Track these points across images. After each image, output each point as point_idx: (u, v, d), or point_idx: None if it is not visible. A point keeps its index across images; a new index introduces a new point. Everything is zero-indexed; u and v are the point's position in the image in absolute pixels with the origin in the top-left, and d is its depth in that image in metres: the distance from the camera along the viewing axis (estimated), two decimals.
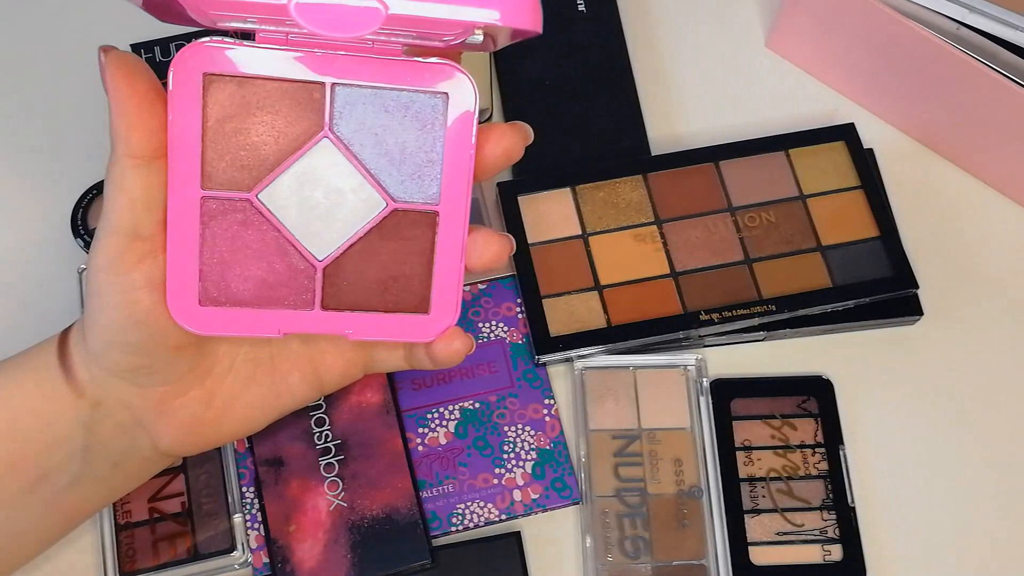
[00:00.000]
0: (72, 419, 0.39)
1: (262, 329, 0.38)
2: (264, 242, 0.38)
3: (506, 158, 0.39)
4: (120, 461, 0.41)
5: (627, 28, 0.61)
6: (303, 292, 0.38)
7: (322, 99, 0.37)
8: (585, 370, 0.53)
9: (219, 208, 0.37)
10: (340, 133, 0.37)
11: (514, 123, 0.39)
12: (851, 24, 0.56)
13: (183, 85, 0.36)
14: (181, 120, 0.36)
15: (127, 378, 0.39)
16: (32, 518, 0.41)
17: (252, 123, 0.36)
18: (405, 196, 0.38)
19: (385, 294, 0.39)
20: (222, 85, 0.36)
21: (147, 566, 0.48)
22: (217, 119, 0.36)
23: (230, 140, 0.36)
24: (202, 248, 0.37)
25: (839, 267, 0.54)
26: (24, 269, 0.55)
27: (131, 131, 0.35)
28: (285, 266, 0.38)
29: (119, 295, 0.37)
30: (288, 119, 0.37)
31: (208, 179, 0.37)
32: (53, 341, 0.40)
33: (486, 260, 0.40)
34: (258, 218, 0.37)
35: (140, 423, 0.40)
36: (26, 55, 0.60)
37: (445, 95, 0.37)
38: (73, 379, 0.39)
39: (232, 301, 0.38)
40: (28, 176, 0.58)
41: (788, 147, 0.57)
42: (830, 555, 0.50)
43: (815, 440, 0.52)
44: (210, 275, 0.37)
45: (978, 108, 0.55)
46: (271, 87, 0.36)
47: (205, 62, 0.36)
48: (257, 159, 0.37)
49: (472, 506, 0.50)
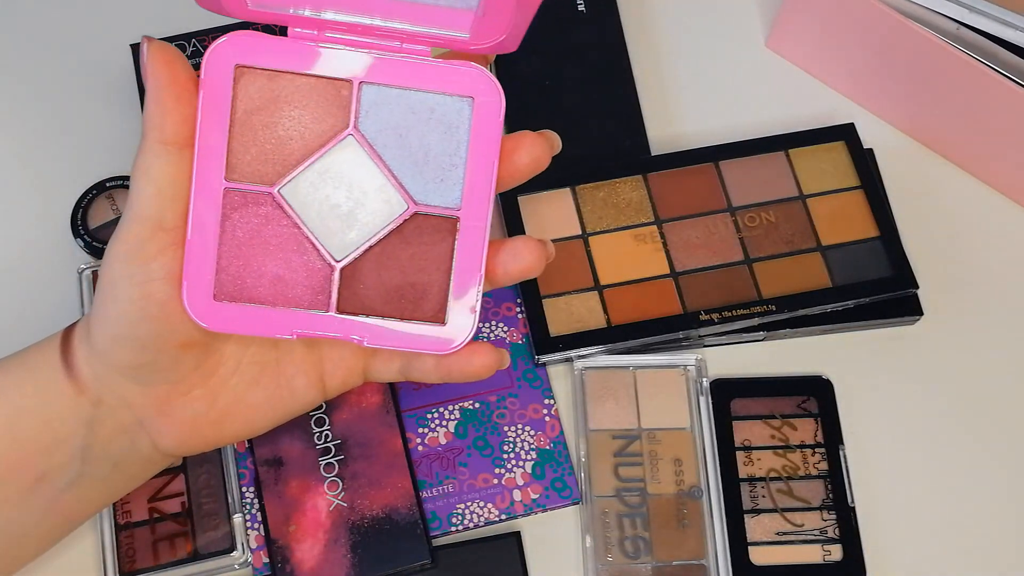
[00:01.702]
0: (73, 418, 0.39)
1: (275, 329, 0.38)
2: (283, 238, 0.37)
3: (533, 167, 0.38)
4: (120, 461, 0.41)
5: (627, 28, 0.61)
6: (319, 293, 0.38)
7: (349, 97, 0.37)
8: (585, 370, 0.53)
9: (241, 200, 0.37)
10: (365, 132, 0.37)
11: (543, 132, 0.39)
12: (851, 24, 0.56)
13: (215, 75, 0.36)
14: (210, 110, 0.36)
15: (130, 375, 0.39)
16: (32, 519, 0.41)
17: (279, 117, 0.37)
18: (427, 199, 0.38)
19: (402, 301, 0.38)
20: (253, 78, 0.36)
21: (147, 566, 0.48)
22: (245, 111, 0.36)
23: (257, 133, 0.37)
24: (221, 240, 0.37)
25: (839, 267, 0.54)
26: (24, 269, 0.55)
27: (166, 117, 0.35)
28: (302, 264, 0.38)
29: (134, 287, 0.36)
30: (315, 115, 0.37)
31: (232, 170, 0.37)
32: (55, 338, 0.40)
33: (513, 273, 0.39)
34: (278, 213, 0.37)
35: (141, 422, 0.40)
36: (26, 55, 0.60)
37: (471, 99, 0.37)
38: (75, 376, 0.39)
39: (246, 297, 0.37)
40: (28, 176, 0.58)
41: (788, 147, 0.57)
42: (830, 555, 0.50)
43: (815, 440, 0.52)
44: (227, 269, 0.37)
45: (978, 108, 0.55)
46: (300, 82, 0.36)
47: (238, 54, 0.36)
48: (282, 153, 0.37)
49: (472, 506, 0.50)
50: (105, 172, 0.57)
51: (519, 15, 0.36)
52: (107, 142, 0.58)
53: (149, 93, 0.35)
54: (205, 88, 0.36)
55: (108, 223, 0.55)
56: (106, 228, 0.55)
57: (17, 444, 0.39)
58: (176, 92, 0.35)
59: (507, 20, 0.36)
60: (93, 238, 0.54)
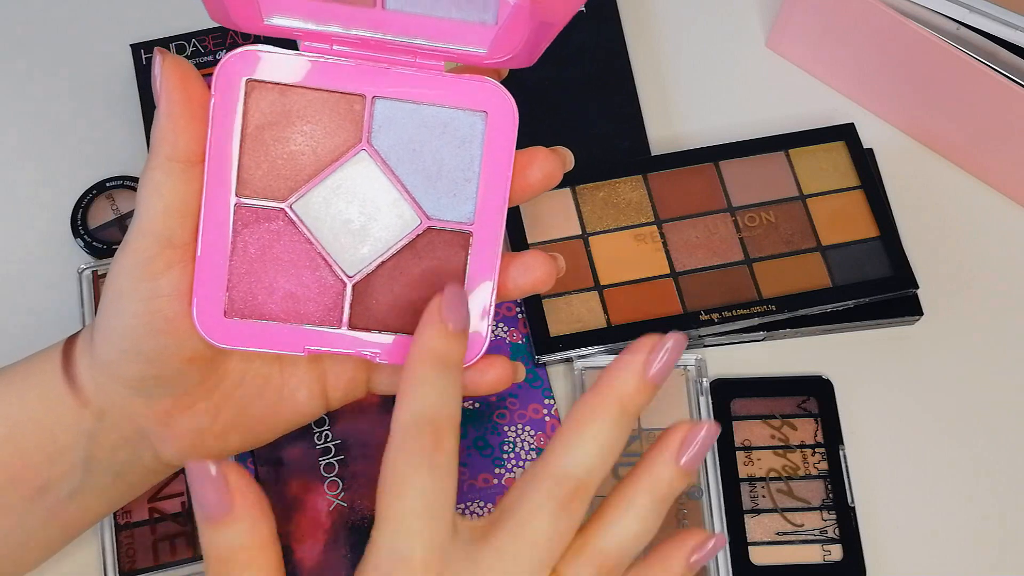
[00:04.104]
0: (75, 430, 0.39)
1: (286, 346, 0.37)
2: (295, 254, 0.37)
3: (546, 183, 0.38)
4: (123, 471, 0.41)
5: (627, 28, 0.61)
6: (331, 309, 0.37)
7: (362, 111, 0.36)
8: (585, 370, 0.53)
9: (252, 216, 0.36)
10: (378, 147, 0.37)
11: (556, 148, 0.38)
12: (851, 24, 0.56)
13: (226, 90, 0.35)
14: (221, 125, 0.36)
15: (135, 388, 0.38)
16: (33, 528, 0.40)
17: (291, 132, 0.36)
18: (440, 214, 0.37)
19: (414, 316, 0.37)
20: (264, 92, 0.36)
21: (147, 566, 0.48)
22: (257, 126, 0.36)
23: (268, 148, 0.36)
24: (232, 257, 0.37)
25: (839, 267, 0.54)
26: (24, 269, 0.55)
27: (178, 134, 0.35)
28: (314, 280, 0.37)
29: (141, 302, 0.36)
30: (327, 130, 0.36)
31: (244, 186, 0.36)
32: (57, 348, 0.40)
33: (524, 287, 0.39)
34: (290, 229, 0.37)
35: (144, 434, 0.40)
36: (26, 55, 0.60)
37: (484, 113, 0.37)
38: (77, 389, 0.39)
39: (257, 314, 0.37)
40: (28, 176, 0.58)
41: (788, 147, 0.57)
42: (830, 555, 0.50)
43: (815, 440, 0.52)
44: (238, 285, 0.37)
45: (978, 108, 0.55)
46: (312, 97, 0.36)
47: (249, 68, 0.36)
48: (294, 169, 0.36)
49: (472, 506, 0.50)
50: (105, 172, 0.57)
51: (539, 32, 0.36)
52: (107, 142, 0.58)
53: (161, 109, 0.35)
54: (216, 103, 0.35)
55: (108, 223, 0.55)
56: (106, 228, 0.55)
57: (19, 454, 0.39)
58: (190, 109, 0.35)
59: (524, 34, 0.36)
60: (93, 238, 0.54)
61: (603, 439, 0.34)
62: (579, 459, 0.33)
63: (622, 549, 0.34)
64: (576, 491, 0.33)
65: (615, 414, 0.34)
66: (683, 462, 0.34)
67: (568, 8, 0.33)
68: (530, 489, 0.33)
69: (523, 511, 0.33)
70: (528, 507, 0.33)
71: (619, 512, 0.34)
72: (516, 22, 0.35)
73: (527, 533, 0.33)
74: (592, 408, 0.34)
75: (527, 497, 0.33)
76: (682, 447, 0.34)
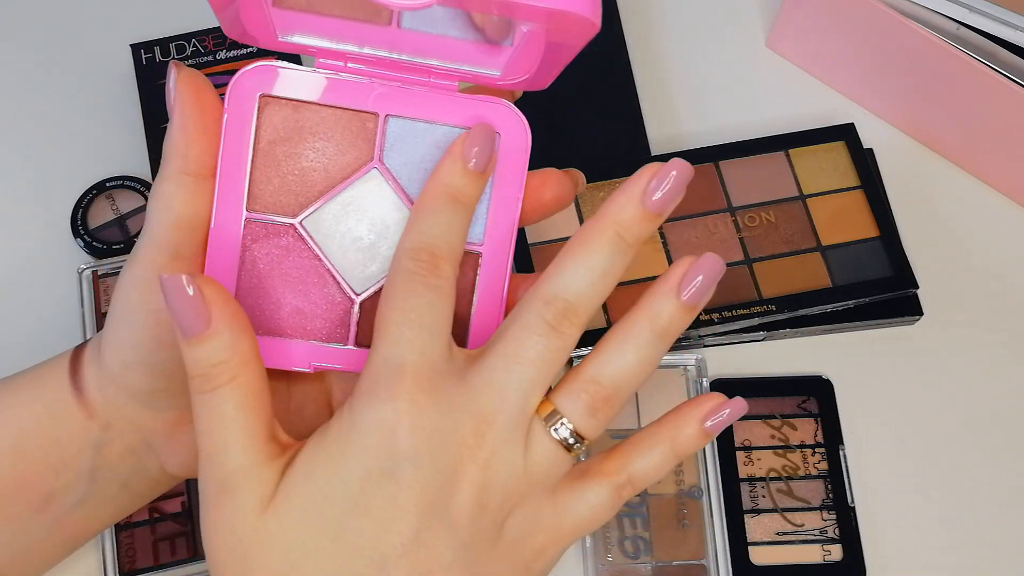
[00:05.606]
0: (81, 440, 0.39)
1: (292, 362, 0.37)
2: (303, 270, 0.37)
3: (557, 205, 0.38)
4: (128, 482, 0.41)
5: (627, 28, 0.61)
6: (338, 326, 0.37)
7: (375, 129, 0.36)
8: None
9: (262, 231, 0.36)
10: (390, 165, 0.36)
11: (569, 170, 0.38)
12: (851, 24, 0.56)
13: (239, 105, 0.35)
14: (233, 140, 0.35)
15: (142, 399, 0.38)
16: (38, 537, 0.40)
17: (303, 148, 0.36)
18: None
19: None
20: (277, 108, 0.36)
21: (147, 566, 0.48)
22: (269, 141, 0.36)
23: (280, 164, 0.36)
24: (240, 271, 0.36)
25: (839, 267, 0.54)
26: (24, 269, 0.55)
27: (191, 147, 0.35)
28: (322, 297, 0.37)
29: (150, 314, 0.36)
30: (339, 147, 0.36)
31: (254, 201, 0.36)
32: (64, 359, 0.40)
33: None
34: (300, 245, 0.37)
35: (150, 445, 0.40)
36: (26, 55, 0.60)
37: (497, 134, 0.37)
38: (84, 400, 0.39)
39: (264, 329, 0.37)
40: (28, 176, 0.58)
41: (788, 147, 0.57)
42: (830, 555, 0.50)
43: (815, 440, 0.52)
44: (245, 300, 0.37)
45: (978, 108, 0.55)
46: (326, 113, 0.36)
47: (263, 83, 0.36)
48: (305, 185, 0.36)
49: None
50: (105, 172, 0.57)
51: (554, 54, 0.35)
52: (107, 142, 0.58)
53: (175, 121, 0.35)
54: (229, 117, 0.35)
55: (108, 223, 0.55)
56: (106, 228, 0.55)
57: (25, 463, 0.39)
58: (203, 123, 0.35)
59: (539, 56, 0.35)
60: (93, 238, 0.54)
61: (595, 263, 0.33)
62: (569, 282, 0.33)
63: (616, 380, 0.33)
64: (565, 312, 0.32)
65: (611, 239, 0.33)
66: (685, 297, 0.33)
67: (584, 31, 0.32)
68: (520, 312, 0.33)
69: (511, 331, 0.32)
70: (516, 327, 0.32)
71: (615, 343, 0.33)
72: (531, 44, 0.35)
73: (515, 351, 0.32)
74: (587, 233, 0.33)
75: (516, 319, 0.33)
76: (684, 281, 0.33)
